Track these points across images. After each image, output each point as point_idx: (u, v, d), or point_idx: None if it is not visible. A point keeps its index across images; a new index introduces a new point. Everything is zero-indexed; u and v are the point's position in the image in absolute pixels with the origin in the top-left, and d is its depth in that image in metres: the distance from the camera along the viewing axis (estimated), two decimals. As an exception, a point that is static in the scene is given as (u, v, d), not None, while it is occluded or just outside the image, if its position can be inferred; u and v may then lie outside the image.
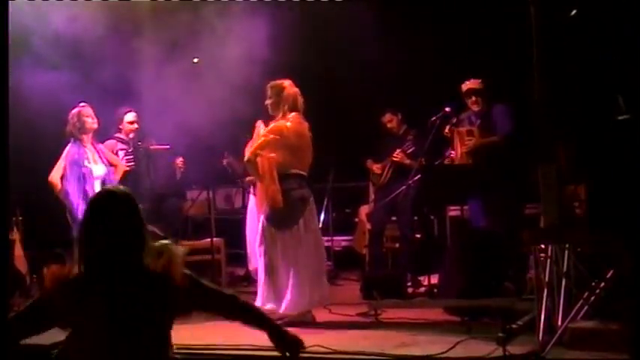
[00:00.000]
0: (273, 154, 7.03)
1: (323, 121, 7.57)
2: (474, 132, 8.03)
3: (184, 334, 3.98)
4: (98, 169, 7.86)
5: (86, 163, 7.80)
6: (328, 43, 9.50)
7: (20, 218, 9.40)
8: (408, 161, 8.88)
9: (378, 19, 9.32)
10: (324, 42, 9.46)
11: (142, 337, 3.27)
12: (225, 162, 10.17)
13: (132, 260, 3.28)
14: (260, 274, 7.20)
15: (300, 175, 7.18)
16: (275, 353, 3.75)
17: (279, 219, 7.04)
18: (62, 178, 7.76)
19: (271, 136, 7.09)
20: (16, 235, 9.23)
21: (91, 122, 7.91)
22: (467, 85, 8.13)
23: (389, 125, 9.21)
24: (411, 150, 8.92)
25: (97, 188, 7.78)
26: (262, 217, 7.21)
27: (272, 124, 7.21)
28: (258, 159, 7.05)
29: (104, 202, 3.35)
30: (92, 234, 3.30)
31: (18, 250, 9.12)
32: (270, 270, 7.04)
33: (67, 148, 7.85)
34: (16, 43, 8.31)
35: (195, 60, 9.83)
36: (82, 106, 7.91)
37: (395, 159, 8.98)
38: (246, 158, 7.23)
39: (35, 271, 9.19)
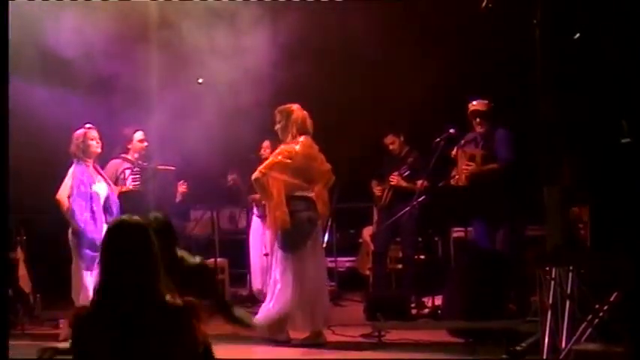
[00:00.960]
0: (281, 176, 7.07)
1: (327, 142, 7.58)
2: (476, 157, 8.01)
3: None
4: (102, 190, 7.87)
5: (92, 184, 7.79)
6: (333, 64, 9.53)
7: (24, 237, 9.37)
8: (404, 184, 8.87)
9: (384, 40, 9.35)
10: (329, 62, 9.49)
11: None
12: (230, 179, 10.16)
13: (146, 291, 3.19)
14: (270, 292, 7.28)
15: (307, 198, 7.24)
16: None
17: (288, 241, 7.10)
18: (68, 197, 7.76)
19: (280, 157, 7.15)
20: (19, 255, 9.22)
21: (95, 146, 7.89)
22: (472, 107, 8.14)
23: (391, 147, 9.21)
24: (406, 174, 8.90)
25: (102, 208, 7.81)
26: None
27: (281, 147, 7.26)
28: (267, 179, 7.10)
29: (117, 232, 3.28)
30: (106, 263, 3.25)
31: (22, 270, 9.09)
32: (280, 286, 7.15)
33: (73, 168, 7.83)
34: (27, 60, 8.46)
35: (200, 80, 9.86)
36: (88, 128, 7.88)
37: (391, 183, 8.98)
38: (254, 177, 7.28)
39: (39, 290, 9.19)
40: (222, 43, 8.69)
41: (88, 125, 7.91)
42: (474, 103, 8.13)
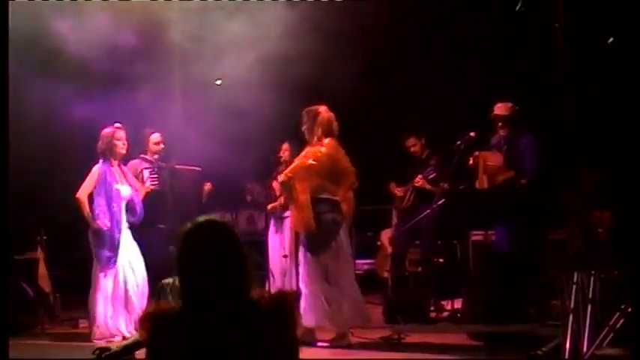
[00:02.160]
0: (307, 179, 7.09)
1: (346, 144, 7.59)
2: (495, 167, 7.97)
3: None
4: (125, 190, 7.90)
5: (115, 183, 7.82)
6: (354, 65, 9.53)
7: (44, 237, 9.42)
8: (428, 187, 8.86)
9: (406, 42, 9.35)
10: (350, 63, 9.49)
11: None
12: (247, 186, 10.08)
13: (237, 294, 3.03)
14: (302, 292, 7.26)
15: (332, 200, 7.26)
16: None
17: (314, 243, 7.14)
18: (89, 196, 7.77)
19: (306, 160, 7.15)
20: (40, 254, 9.27)
21: (121, 147, 7.90)
22: (496, 110, 8.09)
23: (412, 149, 9.20)
24: (432, 176, 8.90)
25: (123, 209, 7.82)
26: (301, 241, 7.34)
27: (307, 149, 7.26)
28: (293, 182, 7.12)
29: (205, 232, 3.08)
30: (193, 265, 3.05)
31: (42, 269, 9.15)
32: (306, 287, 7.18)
33: (97, 167, 7.84)
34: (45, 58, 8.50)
35: (218, 82, 9.88)
36: (117, 128, 7.89)
37: (416, 184, 8.97)
38: (281, 179, 7.32)
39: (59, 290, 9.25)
40: (241, 44, 8.71)
41: (117, 125, 7.92)
42: (498, 106, 8.09)
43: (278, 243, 9.70)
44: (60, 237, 9.81)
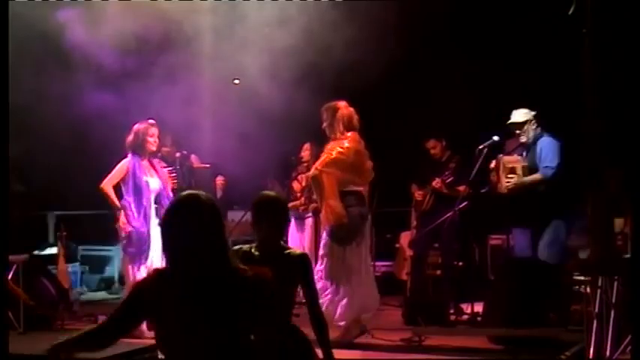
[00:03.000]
0: (335, 172, 7.15)
1: (368, 144, 7.59)
2: (516, 169, 7.95)
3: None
4: (154, 183, 7.86)
5: (144, 176, 7.79)
6: (374, 65, 9.54)
7: (64, 233, 9.45)
8: (445, 191, 8.85)
9: (428, 43, 9.34)
10: (369, 64, 9.50)
11: (223, 334, 3.30)
12: (268, 184, 10.09)
13: (217, 259, 3.35)
14: (323, 285, 7.25)
15: (358, 193, 7.32)
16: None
17: (341, 235, 7.15)
18: (117, 187, 7.76)
19: (334, 154, 7.17)
20: (59, 250, 9.30)
21: (153, 143, 7.83)
22: (511, 118, 8.07)
23: (432, 151, 9.17)
24: (449, 180, 8.88)
25: (152, 202, 7.82)
26: (324, 233, 7.34)
27: (331, 144, 7.28)
28: (323, 176, 7.14)
29: (188, 202, 3.42)
30: (176, 231, 3.37)
31: (61, 265, 9.17)
32: (332, 281, 7.19)
33: (126, 160, 7.80)
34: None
35: (237, 81, 9.89)
36: (150, 124, 7.83)
37: (434, 187, 8.96)
38: (311, 174, 7.37)
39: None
40: (259, 43, 8.73)
41: (150, 121, 7.86)
42: (514, 113, 8.06)
43: (298, 243, 9.72)
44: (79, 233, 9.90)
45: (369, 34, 8.82)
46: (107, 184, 7.77)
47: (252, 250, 4.54)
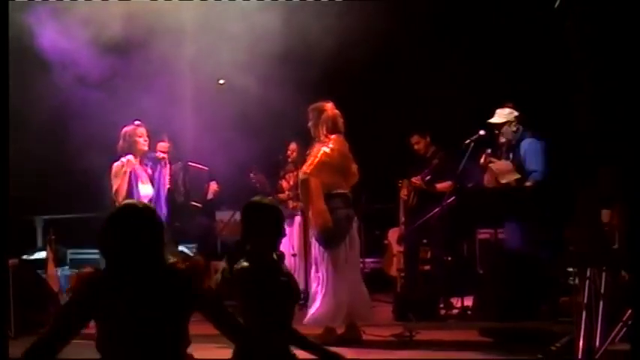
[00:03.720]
0: (322, 175, 7.14)
1: (352, 142, 7.60)
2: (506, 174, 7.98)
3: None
4: (146, 189, 7.79)
5: (140, 183, 7.70)
6: (361, 63, 9.56)
7: (53, 237, 9.43)
8: (425, 187, 8.89)
9: (413, 41, 9.36)
10: (358, 62, 9.52)
11: (160, 331, 3.52)
12: (252, 177, 10.03)
13: (151, 259, 3.61)
14: (314, 289, 7.28)
15: (344, 195, 7.29)
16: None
17: (328, 238, 7.12)
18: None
19: (320, 156, 7.16)
20: (49, 254, 9.27)
21: (143, 143, 7.76)
22: (493, 118, 8.09)
23: (416, 147, 9.18)
24: (428, 178, 8.90)
25: None
26: (313, 239, 7.33)
27: (316, 146, 7.28)
28: (310, 180, 7.14)
29: (126, 211, 3.70)
30: (112, 239, 3.61)
31: (51, 269, 9.14)
32: (324, 286, 7.14)
33: (123, 163, 7.67)
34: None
35: (221, 81, 9.88)
36: (137, 125, 7.76)
37: (414, 184, 8.99)
38: (301, 178, 7.31)
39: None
40: (244, 44, 8.72)
41: (137, 122, 7.79)
42: (496, 114, 8.07)
43: (287, 242, 9.72)
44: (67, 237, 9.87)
45: (355, 31, 8.84)
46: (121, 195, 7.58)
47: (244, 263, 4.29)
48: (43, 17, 8.56)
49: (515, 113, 8.04)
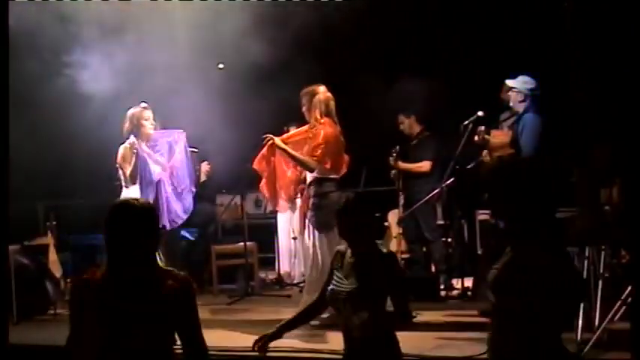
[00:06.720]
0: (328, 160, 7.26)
1: (353, 125, 7.60)
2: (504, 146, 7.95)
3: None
4: (156, 169, 7.62)
5: (149, 163, 7.56)
6: (359, 47, 9.54)
7: (54, 223, 9.44)
8: (401, 165, 9.04)
9: (409, 21, 9.33)
10: (355, 46, 9.50)
11: (144, 340, 3.52)
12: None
13: (147, 264, 3.60)
14: (307, 271, 7.37)
15: (337, 179, 7.39)
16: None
17: (322, 221, 7.15)
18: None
19: (322, 141, 7.21)
20: (50, 240, 9.28)
21: (149, 127, 7.58)
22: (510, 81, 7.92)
23: (401, 127, 9.26)
24: (394, 154, 9.02)
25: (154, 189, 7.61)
26: (307, 221, 7.39)
27: (310, 130, 7.28)
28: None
29: (123, 210, 3.65)
30: (112, 238, 3.60)
31: (52, 255, 9.15)
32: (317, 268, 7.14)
33: (130, 145, 7.50)
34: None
35: (221, 65, 9.86)
36: (144, 108, 7.58)
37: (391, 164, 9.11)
38: (313, 166, 7.29)
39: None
40: (241, 29, 8.71)
41: (143, 104, 7.61)
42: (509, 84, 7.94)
43: (287, 225, 9.75)
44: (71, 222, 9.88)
45: (348, 14, 8.82)
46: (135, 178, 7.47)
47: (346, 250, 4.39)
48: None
49: (531, 85, 7.81)
